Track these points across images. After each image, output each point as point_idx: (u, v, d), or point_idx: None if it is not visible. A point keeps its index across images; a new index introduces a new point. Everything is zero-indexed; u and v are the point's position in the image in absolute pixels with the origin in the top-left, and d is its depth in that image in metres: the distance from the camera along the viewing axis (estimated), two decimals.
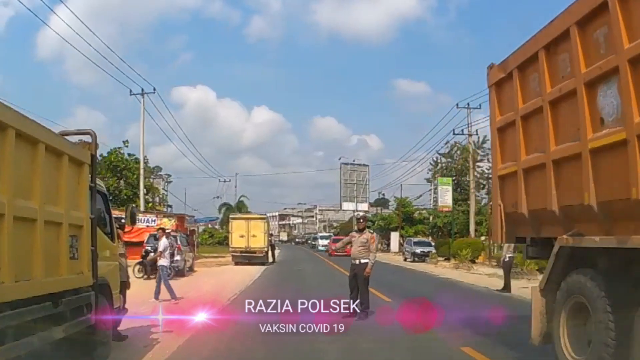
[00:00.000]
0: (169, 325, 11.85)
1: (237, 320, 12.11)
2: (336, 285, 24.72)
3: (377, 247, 16.09)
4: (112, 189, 49.26)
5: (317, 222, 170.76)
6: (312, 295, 11.23)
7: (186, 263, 31.98)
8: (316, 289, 24.49)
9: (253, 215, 48.37)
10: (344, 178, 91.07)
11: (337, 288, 21.70)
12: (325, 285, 26.65)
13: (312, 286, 26.52)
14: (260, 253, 42.03)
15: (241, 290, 23.13)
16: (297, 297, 10.81)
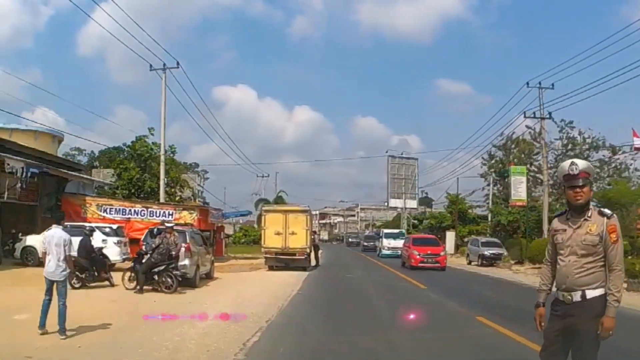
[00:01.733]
0: None
1: None
2: (427, 314, 16.79)
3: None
4: (134, 180, 44.38)
5: (359, 220, 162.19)
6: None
7: (199, 269, 23.04)
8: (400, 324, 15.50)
9: (292, 207, 36.19)
10: (391, 173, 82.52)
11: (441, 328, 14.63)
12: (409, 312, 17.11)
13: (386, 315, 17.64)
14: (301, 255, 32.71)
15: (262, 328, 13.62)
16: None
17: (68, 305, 11.87)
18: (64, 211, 33.82)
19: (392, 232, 64.02)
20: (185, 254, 21.52)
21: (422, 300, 20.91)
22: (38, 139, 50.38)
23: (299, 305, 18.11)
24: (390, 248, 55.73)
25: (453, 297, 21.35)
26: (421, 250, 37.53)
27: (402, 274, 32.39)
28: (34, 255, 27.56)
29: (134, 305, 16.76)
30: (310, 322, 14.89)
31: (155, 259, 19.84)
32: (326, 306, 18.65)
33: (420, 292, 23.67)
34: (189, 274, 21.55)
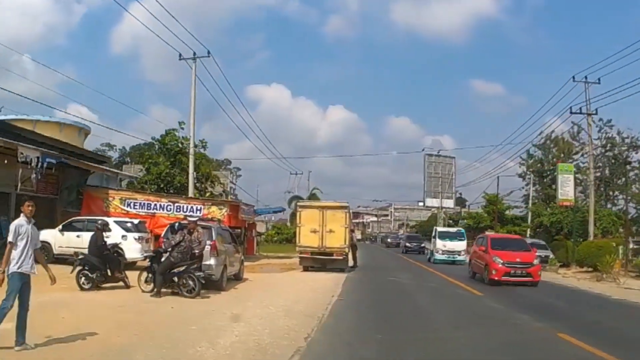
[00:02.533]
0: None
1: None
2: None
3: None
4: (164, 174, 42.52)
5: (392, 220, 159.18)
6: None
7: (227, 270, 20.07)
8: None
9: (330, 203, 32.13)
10: (428, 171, 79.05)
11: (521, 350, 11.71)
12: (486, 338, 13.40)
13: (449, 330, 14.55)
14: (339, 255, 29.44)
15: (301, 350, 10.45)
16: None
17: (69, 309, 11.46)
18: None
19: (448, 231, 49.74)
20: (211, 252, 18.62)
21: (485, 311, 17.75)
22: (63, 131, 48.90)
23: (343, 317, 15.04)
24: (446, 252, 44.27)
25: (518, 307, 18.12)
26: (507, 257, 25.84)
27: (451, 277, 29.20)
28: (49, 250, 25.28)
29: (145, 312, 14.04)
30: (358, 340, 11.88)
31: (175, 258, 16.96)
32: (375, 318, 15.42)
33: (478, 301, 20.46)
34: (215, 276, 18.62)
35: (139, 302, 15.56)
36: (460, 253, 43.30)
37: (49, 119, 49.05)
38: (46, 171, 27.67)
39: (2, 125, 28.62)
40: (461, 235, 46.71)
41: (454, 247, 44.32)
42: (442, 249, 44.57)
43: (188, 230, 17.66)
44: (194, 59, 38.81)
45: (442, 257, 43.85)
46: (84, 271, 17.65)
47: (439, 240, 45.31)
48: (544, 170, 69.05)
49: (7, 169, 25.93)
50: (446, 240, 45.21)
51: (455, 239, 45.13)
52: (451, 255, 43.76)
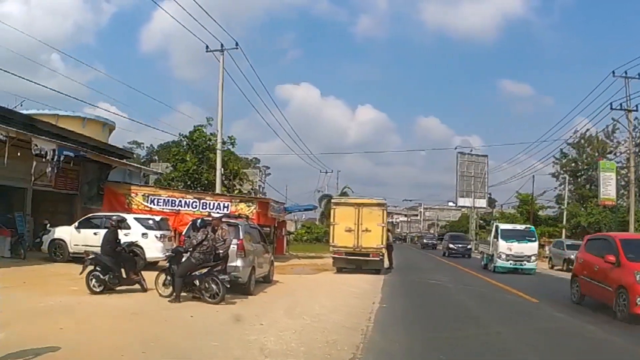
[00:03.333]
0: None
1: None
2: None
3: None
4: (191, 171, 41.57)
5: (422, 220, 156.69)
6: None
7: (255, 272, 17.78)
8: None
9: (366, 200, 29.39)
10: (460, 170, 76.66)
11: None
12: None
13: (517, 347, 12.06)
14: (376, 256, 26.96)
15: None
16: None
17: (73, 316, 10.46)
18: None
19: (514, 229, 36.81)
20: (238, 253, 16.47)
21: (549, 322, 15.24)
22: (86, 126, 47.49)
23: (390, 330, 12.71)
24: (512, 257, 33.06)
25: (588, 318, 15.67)
26: None
27: (487, 277, 26.88)
28: (64, 249, 23.84)
29: (160, 321, 11.96)
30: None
31: (196, 258, 14.77)
32: (428, 330, 13.09)
33: (537, 308, 17.95)
34: (242, 279, 16.44)
35: (154, 309, 13.46)
36: (530, 259, 33.27)
37: (71, 113, 47.63)
38: (65, 165, 25.86)
39: (19, 117, 26.65)
40: (531, 235, 34.92)
41: (522, 250, 33.10)
42: (507, 252, 33.01)
43: (212, 228, 15.52)
44: (221, 50, 37.11)
45: (506, 265, 32.88)
46: (94, 272, 15.51)
47: (503, 241, 33.26)
48: (577, 169, 66.70)
49: (22, 163, 23.94)
50: (512, 241, 33.32)
51: (524, 240, 33.60)
52: (518, 261, 33.00)
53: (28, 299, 13.68)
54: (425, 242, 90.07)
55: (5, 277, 17.65)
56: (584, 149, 67.13)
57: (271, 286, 19.94)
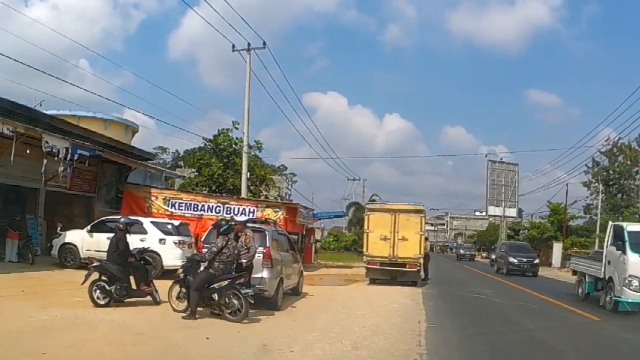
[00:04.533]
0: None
1: None
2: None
3: None
4: (216, 176, 39.29)
5: (449, 229, 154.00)
6: None
7: (283, 284, 15.38)
8: None
9: (403, 206, 26.01)
10: (490, 178, 74.00)
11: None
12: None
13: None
14: (413, 267, 24.50)
15: None
16: None
17: (65, 336, 9.12)
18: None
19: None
20: (264, 263, 14.18)
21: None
22: (108, 128, 45.57)
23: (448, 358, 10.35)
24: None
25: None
26: None
27: (538, 293, 24.30)
28: (75, 254, 21.98)
29: (169, 345, 9.71)
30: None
31: (215, 269, 12.47)
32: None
33: (601, 328, 15.45)
34: (268, 292, 14.13)
35: (164, 327, 11.23)
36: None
37: (93, 114, 45.77)
38: (80, 166, 24.68)
39: (31, 113, 24.54)
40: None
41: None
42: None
43: (235, 234, 13.21)
44: (248, 50, 34.85)
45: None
46: (99, 282, 13.34)
47: (634, 254, 17.51)
48: (609, 178, 63.89)
49: (34, 162, 21.94)
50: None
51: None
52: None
53: (20, 311, 11.72)
54: (462, 252, 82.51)
55: (5, 284, 15.80)
56: (616, 158, 64.35)
57: (300, 300, 17.54)
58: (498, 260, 45.21)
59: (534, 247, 74.76)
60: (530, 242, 72.40)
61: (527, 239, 72.96)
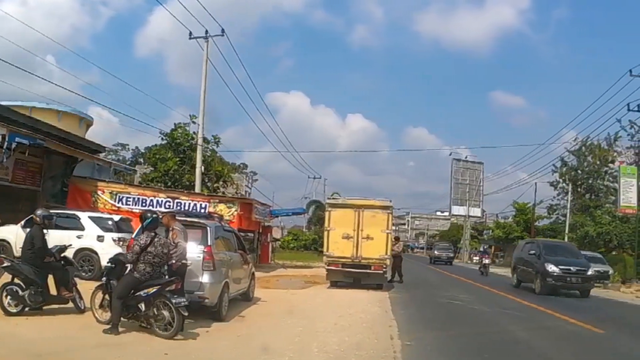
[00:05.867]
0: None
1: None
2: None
3: None
4: (172, 171, 37.64)
5: (410, 229, 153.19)
6: None
7: (229, 290, 12.94)
8: None
9: (368, 202, 23.11)
10: (454, 177, 72.71)
11: None
12: None
13: None
14: (378, 269, 22.01)
15: None
16: None
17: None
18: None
19: None
20: (204, 265, 11.80)
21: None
22: (62, 120, 43.44)
23: None
24: None
25: None
26: None
27: (519, 298, 22.41)
28: (8, 252, 19.43)
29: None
30: None
31: (140, 272, 10.24)
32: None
33: (610, 342, 13.27)
34: (209, 300, 11.80)
35: (78, 345, 9.13)
36: None
37: (45, 105, 43.25)
38: (22, 156, 23.31)
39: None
40: None
41: None
42: None
43: (166, 229, 11.05)
44: (205, 37, 33.24)
45: None
46: (11, 286, 11.13)
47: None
48: (577, 178, 62.92)
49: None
50: None
51: None
52: None
53: None
54: (437, 254, 66.42)
55: None
56: (585, 158, 63.38)
57: (251, 307, 15.12)
58: (521, 268, 28.25)
59: (498, 248, 74.01)
60: (495, 243, 71.42)
61: (492, 239, 71.86)
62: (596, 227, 48.72)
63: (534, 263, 25.95)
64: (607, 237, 47.52)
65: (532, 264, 26.29)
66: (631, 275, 35.86)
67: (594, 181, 62.45)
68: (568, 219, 57.39)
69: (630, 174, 39.92)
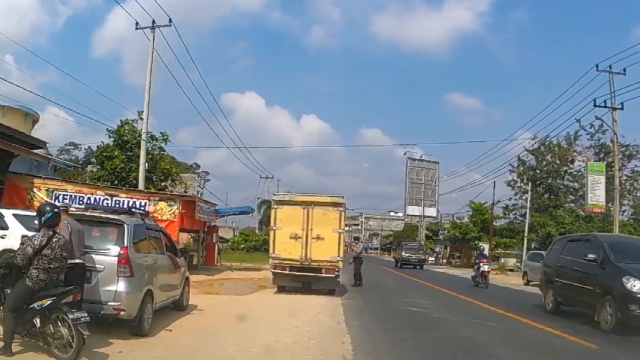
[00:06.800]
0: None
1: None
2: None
3: None
4: (118, 169, 36.46)
5: (363, 230, 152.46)
6: None
7: (153, 299, 11.03)
8: None
9: (318, 198, 20.89)
10: (410, 176, 71.63)
11: None
12: None
13: None
14: (330, 272, 20.18)
15: None
16: None
17: None
18: None
19: None
20: (120, 270, 9.85)
21: None
22: (6, 115, 41.62)
23: None
24: None
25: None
26: None
27: (477, 300, 20.89)
28: None
29: None
30: None
31: (33, 280, 8.27)
32: None
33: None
34: (126, 311, 9.87)
35: None
36: None
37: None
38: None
39: None
40: None
41: None
42: None
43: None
44: (152, 28, 32.07)
45: None
46: None
47: None
48: (536, 178, 62.38)
49: None
50: None
51: None
52: None
53: None
54: (406, 255, 55.60)
55: None
56: (544, 157, 62.86)
57: (182, 318, 13.08)
58: (562, 283, 16.90)
59: (454, 249, 72.74)
60: (451, 243, 70.43)
61: (448, 240, 70.91)
62: (558, 227, 48.00)
63: (595, 275, 14.81)
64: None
65: (588, 276, 15.17)
66: None
67: (553, 181, 62.03)
68: (528, 219, 56.37)
69: (597, 171, 38.65)
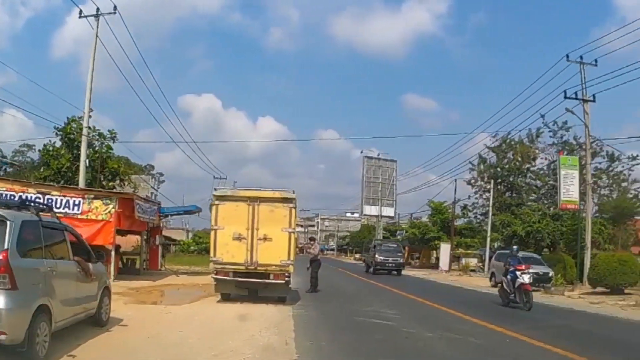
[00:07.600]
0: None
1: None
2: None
3: None
4: (64, 169, 35.36)
5: (319, 231, 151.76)
6: None
7: (53, 316, 8.59)
8: None
9: (266, 193, 18.28)
10: (366, 175, 70.19)
11: None
12: None
13: None
14: (279, 278, 17.82)
15: None
16: None
17: None
18: None
19: None
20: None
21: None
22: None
23: None
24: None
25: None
26: None
27: (450, 309, 19.02)
28: None
29: None
30: None
31: None
32: None
33: None
34: (8, 335, 7.43)
35: None
36: None
37: None
38: None
39: None
40: None
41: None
42: None
43: None
44: (96, 16, 31.28)
45: None
46: None
47: None
48: (497, 176, 61.37)
49: None
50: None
51: None
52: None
53: None
54: (381, 259, 45.08)
55: None
56: (505, 154, 61.76)
57: (96, 338, 10.53)
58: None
59: (413, 249, 71.24)
60: (410, 243, 69.10)
61: (407, 240, 69.57)
62: (525, 226, 46.81)
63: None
64: (538, 236, 46.19)
65: None
66: (572, 277, 33.46)
67: (515, 179, 61.01)
68: (490, 218, 55.02)
69: (571, 165, 36.51)
